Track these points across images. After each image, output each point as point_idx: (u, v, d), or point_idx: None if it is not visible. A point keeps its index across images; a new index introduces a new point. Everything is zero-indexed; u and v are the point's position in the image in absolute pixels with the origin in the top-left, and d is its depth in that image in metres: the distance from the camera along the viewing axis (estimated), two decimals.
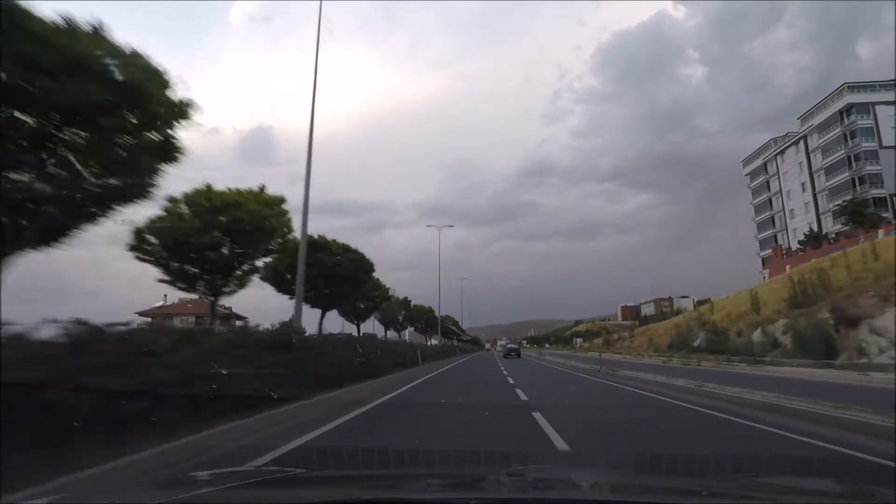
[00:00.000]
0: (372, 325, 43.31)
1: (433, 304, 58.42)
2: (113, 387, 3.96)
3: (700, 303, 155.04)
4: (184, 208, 13.08)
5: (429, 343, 58.37)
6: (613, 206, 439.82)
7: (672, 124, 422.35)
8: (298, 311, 12.12)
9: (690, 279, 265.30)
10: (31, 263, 5.92)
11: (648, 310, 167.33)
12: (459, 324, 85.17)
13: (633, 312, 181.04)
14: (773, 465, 4.23)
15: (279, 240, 14.72)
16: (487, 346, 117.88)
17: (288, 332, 8.54)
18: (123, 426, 3.99)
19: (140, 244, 12.94)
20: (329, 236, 22.54)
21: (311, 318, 21.49)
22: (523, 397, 10.74)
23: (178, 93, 6.37)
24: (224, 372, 5.33)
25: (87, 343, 4.14)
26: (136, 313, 26.15)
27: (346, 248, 22.76)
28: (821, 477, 3.22)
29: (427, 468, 3.80)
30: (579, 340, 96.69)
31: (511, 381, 15.58)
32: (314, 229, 21.92)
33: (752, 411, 8.14)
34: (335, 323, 35.81)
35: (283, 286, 19.45)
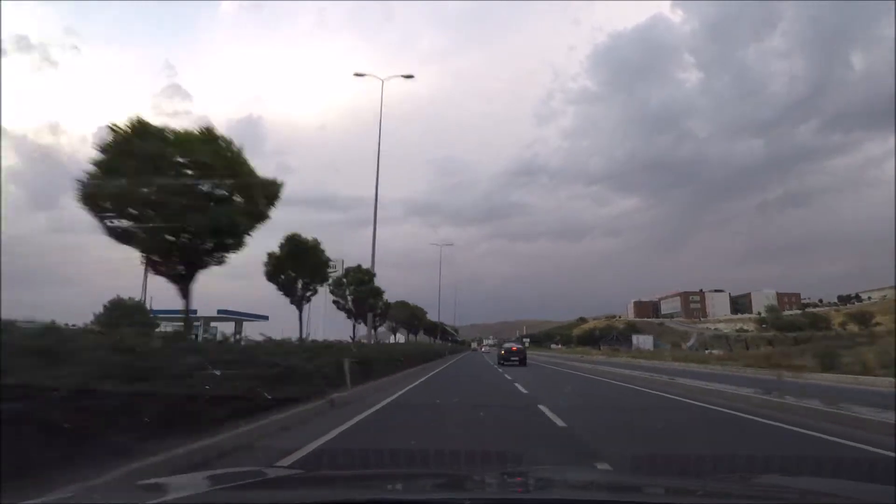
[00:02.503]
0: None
1: (419, 302, 51.53)
2: None
3: (739, 298, 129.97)
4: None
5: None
6: (601, 209, 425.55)
7: (662, 128, 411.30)
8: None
9: (674, 281, 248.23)
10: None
11: (672, 306, 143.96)
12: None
13: (648, 309, 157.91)
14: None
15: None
16: (474, 345, 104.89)
17: None
18: None
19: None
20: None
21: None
22: None
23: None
24: None
25: None
26: None
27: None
28: (818, 475, 3.23)
29: (423, 468, 3.88)
30: (646, 340, 66.29)
31: None
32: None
33: None
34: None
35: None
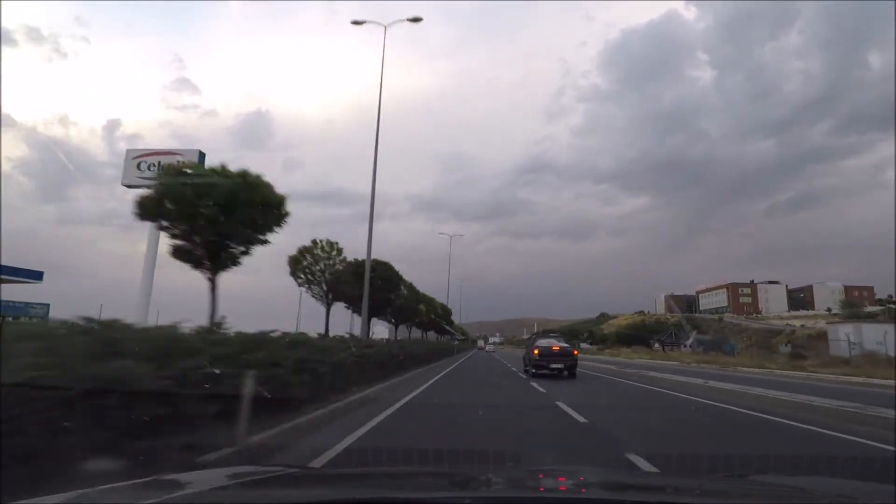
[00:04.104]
0: None
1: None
2: None
3: (797, 290, 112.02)
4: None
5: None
6: (608, 208, 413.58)
7: (674, 127, 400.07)
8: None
9: (675, 283, 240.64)
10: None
11: (715, 300, 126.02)
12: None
13: (683, 303, 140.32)
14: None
15: None
16: (480, 342, 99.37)
17: None
18: None
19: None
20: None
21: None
22: None
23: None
24: None
25: None
26: None
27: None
28: (817, 475, 3.16)
29: (422, 467, 3.87)
30: (881, 331, 32.40)
31: None
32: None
33: None
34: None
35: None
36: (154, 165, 15.58)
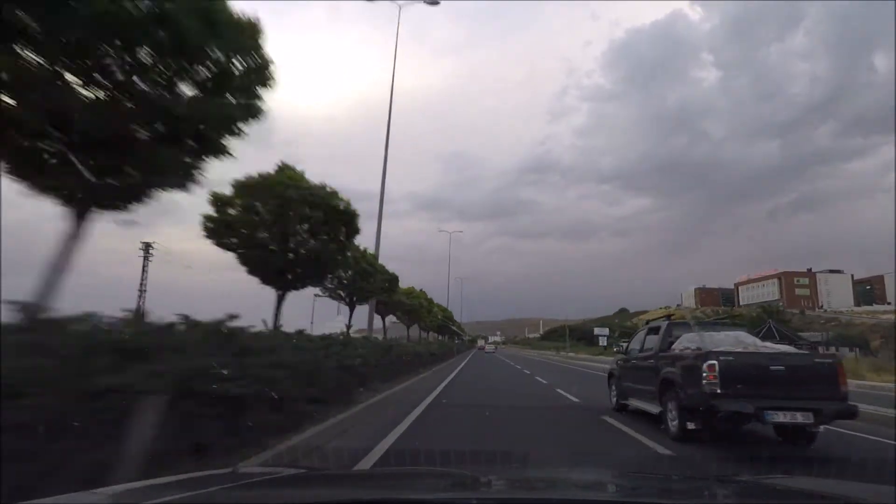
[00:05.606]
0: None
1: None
2: None
3: (862, 282, 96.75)
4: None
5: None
6: (611, 209, 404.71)
7: (677, 128, 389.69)
8: None
9: (682, 281, 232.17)
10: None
11: (761, 292, 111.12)
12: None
13: (716, 297, 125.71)
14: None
15: None
16: (480, 342, 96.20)
17: None
18: None
19: None
20: None
21: None
22: None
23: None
24: None
25: None
26: None
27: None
28: (822, 476, 3.03)
29: (430, 467, 3.88)
30: None
31: None
32: None
33: None
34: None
35: None
36: None
